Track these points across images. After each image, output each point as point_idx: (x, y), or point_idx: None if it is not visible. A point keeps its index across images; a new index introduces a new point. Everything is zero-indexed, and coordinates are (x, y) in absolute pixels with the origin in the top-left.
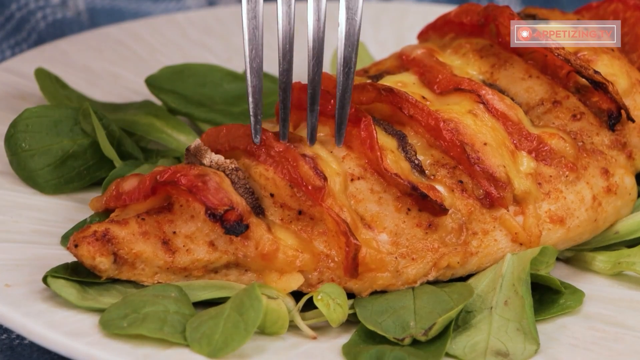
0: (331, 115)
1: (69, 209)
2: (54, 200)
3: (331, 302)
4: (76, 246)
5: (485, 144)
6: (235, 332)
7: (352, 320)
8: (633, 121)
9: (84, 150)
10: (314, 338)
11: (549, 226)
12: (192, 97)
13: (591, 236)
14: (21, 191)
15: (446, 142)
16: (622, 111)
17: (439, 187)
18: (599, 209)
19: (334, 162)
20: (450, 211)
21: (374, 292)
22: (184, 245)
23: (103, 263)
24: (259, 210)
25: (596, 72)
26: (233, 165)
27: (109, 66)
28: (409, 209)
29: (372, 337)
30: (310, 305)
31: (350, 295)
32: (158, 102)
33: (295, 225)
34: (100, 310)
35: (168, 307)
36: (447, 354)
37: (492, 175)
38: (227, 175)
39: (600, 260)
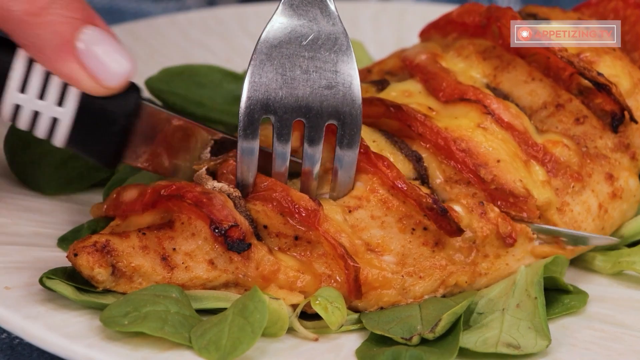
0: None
1: (69, 211)
2: (55, 203)
3: (329, 306)
4: (75, 255)
5: (498, 161)
6: (243, 335)
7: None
8: (636, 122)
9: None
10: (316, 340)
11: None
12: (192, 97)
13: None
14: (21, 193)
15: (459, 164)
16: (625, 112)
17: (457, 207)
18: (606, 217)
19: (329, 200)
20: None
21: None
22: (183, 262)
23: (101, 274)
24: (258, 238)
25: (599, 73)
26: (237, 194)
27: None
28: (413, 229)
29: (384, 341)
30: (309, 317)
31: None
32: (157, 103)
33: (293, 251)
34: (98, 308)
35: (169, 307)
36: (459, 348)
37: (511, 192)
38: (230, 199)
39: (600, 259)
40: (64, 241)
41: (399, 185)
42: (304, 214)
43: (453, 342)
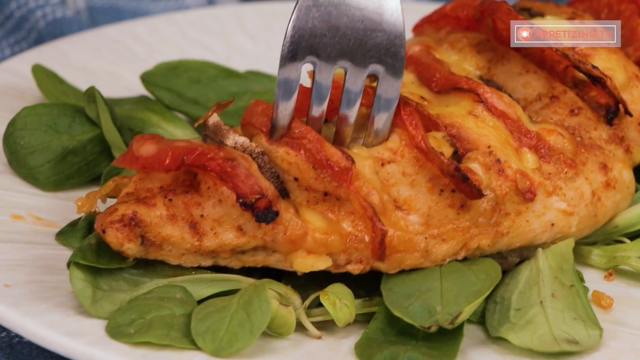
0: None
1: (68, 209)
2: (54, 200)
3: (338, 302)
4: (104, 232)
5: (489, 147)
6: (241, 333)
7: (358, 320)
8: (631, 115)
9: (83, 145)
10: (319, 337)
11: None
12: (186, 94)
13: (591, 231)
14: (20, 191)
15: None
16: (620, 105)
17: (474, 165)
18: (599, 204)
19: (363, 148)
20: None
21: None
22: (211, 229)
23: (131, 249)
24: (284, 193)
25: (594, 66)
26: (259, 149)
27: (108, 66)
28: (441, 190)
29: (384, 334)
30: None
31: (359, 294)
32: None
33: (321, 207)
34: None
35: (174, 310)
36: (518, 347)
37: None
38: (253, 159)
39: (596, 254)
40: (62, 234)
41: (423, 147)
42: (336, 170)
43: (453, 346)
